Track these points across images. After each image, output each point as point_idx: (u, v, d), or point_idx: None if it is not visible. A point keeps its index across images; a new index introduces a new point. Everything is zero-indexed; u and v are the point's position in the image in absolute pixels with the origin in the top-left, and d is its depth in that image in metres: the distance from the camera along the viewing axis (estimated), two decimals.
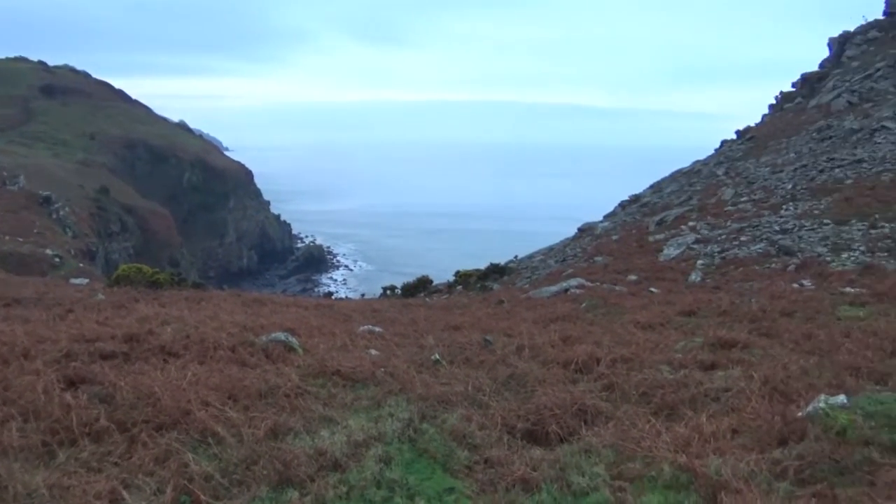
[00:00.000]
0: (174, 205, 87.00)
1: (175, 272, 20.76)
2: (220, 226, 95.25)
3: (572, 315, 10.06)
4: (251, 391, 5.20)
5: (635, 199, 33.48)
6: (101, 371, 5.37)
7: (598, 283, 14.45)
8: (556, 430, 4.70)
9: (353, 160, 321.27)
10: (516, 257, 28.02)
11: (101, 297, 11.33)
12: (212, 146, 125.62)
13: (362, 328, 8.70)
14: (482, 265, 23.73)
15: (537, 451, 4.39)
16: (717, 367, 6.05)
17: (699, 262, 16.04)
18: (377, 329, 8.70)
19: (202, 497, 3.67)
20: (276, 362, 6.23)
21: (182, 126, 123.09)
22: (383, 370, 6.05)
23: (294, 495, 3.75)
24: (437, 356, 6.66)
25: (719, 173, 29.43)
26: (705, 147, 41.03)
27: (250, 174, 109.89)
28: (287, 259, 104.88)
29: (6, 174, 53.23)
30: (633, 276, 15.52)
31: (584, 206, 62.95)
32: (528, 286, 18.03)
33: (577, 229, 29.88)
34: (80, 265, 39.85)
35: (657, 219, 23.48)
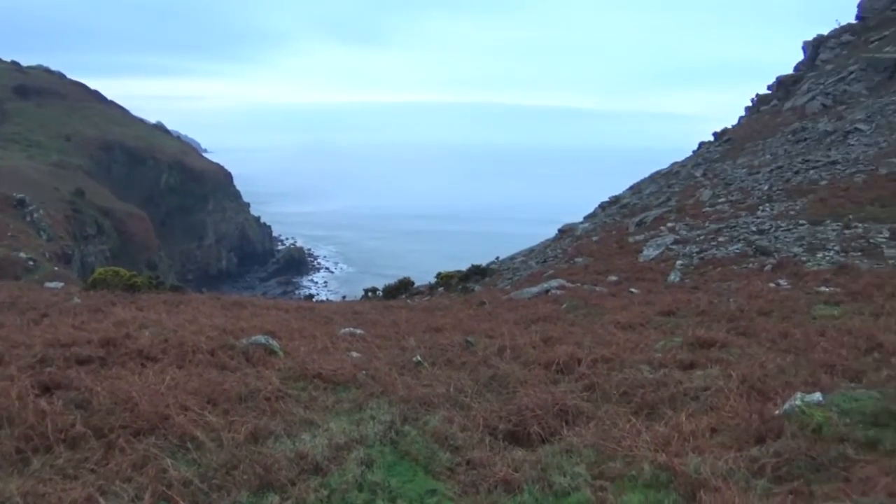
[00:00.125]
0: (152, 207, 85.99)
1: (153, 275, 20.53)
2: (198, 228, 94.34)
3: (553, 316, 10.10)
4: (231, 395, 5.15)
5: (615, 200, 33.75)
6: (77, 376, 5.29)
7: (578, 284, 14.53)
8: (538, 431, 4.72)
9: (333, 162, 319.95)
10: (498, 259, 28.09)
11: (76, 300, 11.15)
12: (190, 148, 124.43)
13: (343, 330, 8.66)
14: (464, 267, 23.76)
15: (519, 452, 4.40)
16: (696, 367, 6.11)
17: (678, 262, 16.21)
18: (358, 331, 8.67)
19: (181, 503, 3.63)
20: (257, 366, 6.18)
21: (159, 127, 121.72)
22: (365, 372, 6.03)
23: (275, 500, 3.72)
24: (419, 358, 6.65)
25: (697, 175, 29.77)
26: (683, 148, 41.49)
27: (229, 176, 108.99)
28: (267, 261, 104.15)
29: None
30: (613, 277, 15.64)
31: (564, 208, 63.31)
32: (509, 287, 18.08)
33: (558, 230, 30.03)
34: (56, 269, 39.24)
35: (637, 220, 23.68)
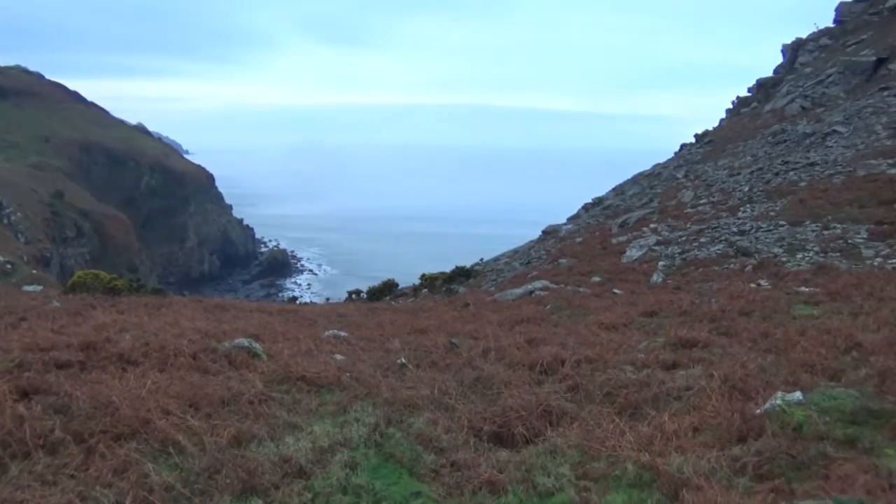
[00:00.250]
0: (132, 209, 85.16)
1: (133, 278, 20.32)
2: (180, 230, 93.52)
3: (537, 317, 10.13)
4: (213, 398, 5.10)
5: (598, 201, 33.97)
6: (56, 381, 5.22)
7: (562, 285, 14.59)
8: (522, 432, 4.73)
9: (317, 164, 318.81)
10: (482, 260, 28.15)
11: (56, 304, 11.00)
12: (171, 149, 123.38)
13: (327, 333, 8.63)
14: (448, 268, 23.78)
15: (503, 453, 4.41)
16: (679, 367, 6.16)
17: (661, 263, 16.33)
18: (342, 333, 8.63)
19: None
20: (240, 369, 6.13)
21: (140, 129, 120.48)
22: (349, 375, 6.01)
23: (258, 503, 3.70)
24: (403, 360, 6.64)
25: (679, 176, 30.04)
26: (665, 150, 41.90)
27: (211, 178, 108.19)
28: (250, 264, 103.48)
29: None
30: (596, 278, 15.73)
31: (547, 209, 63.58)
32: (493, 289, 18.12)
33: (542, 232, 30.16)
34: (34, 272, 38.71)
35: (619, 221, 23.84)
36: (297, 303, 26.04)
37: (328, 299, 26.68)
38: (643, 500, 3.76)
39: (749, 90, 42.70)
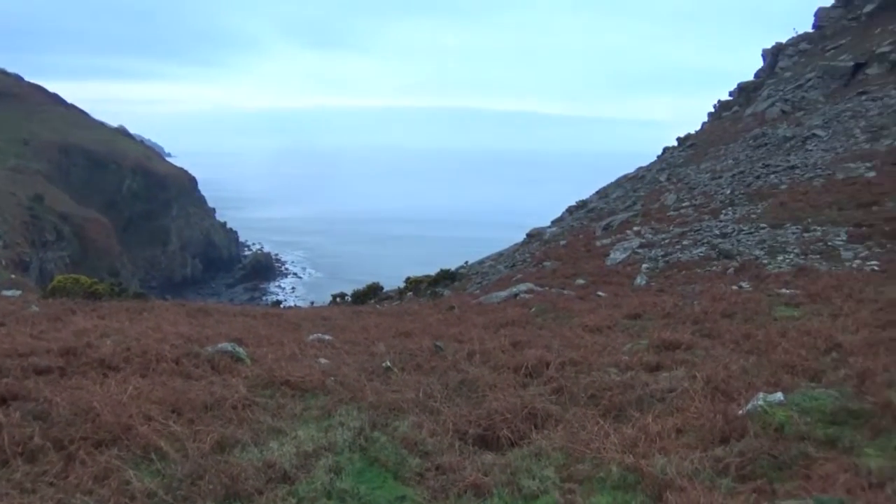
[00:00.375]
0: (113, 212, 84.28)
1: (115, 282, 20.08)
2: (162, 234, 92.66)
3: (522, 320, 10.15)
4: (196, 404, 5.06)
5: (582, 204, 34.14)
6: (36, 387, 5.14)
7: (546, 288, 14.64)
8: (507, 435, 4.74)
9: (302, 167, 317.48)
10: (466, 263, 28.16)
11: (35, 309, 10.84)
12: (153, 152, 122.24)
13: (312, 337, 8.58)
14: (432, 271, 23.76)
15: (488, 456, 4.41)
16: (662, 369, 6.20)
17: (644, 265, 16.44)
18: (327, 337, 8.60)
19: None
20: (223, 373, 6.09)
21: (121, 131, 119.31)
22: (333, 379, 5.98)
23: None
24: (388, 363, 6.62)
25: (662, 179, 30.27)
26: (648, 153, 42.21)
27: (194, 181, 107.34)
28: (233, 267, 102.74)
29: None
30: (580, 281, 15.79)
31: (532, 212, 63.79)
32: (478, 291, 18.13)
33: (526, 235, 30.23)
34: (12, 276, 38.16)
35: (603, 224, 23.97)
36: (281, 306, 25.91)
37: (312, 303, 26.56)
38: (627, 501, 3.78)
39: (730, 94, 43.18)
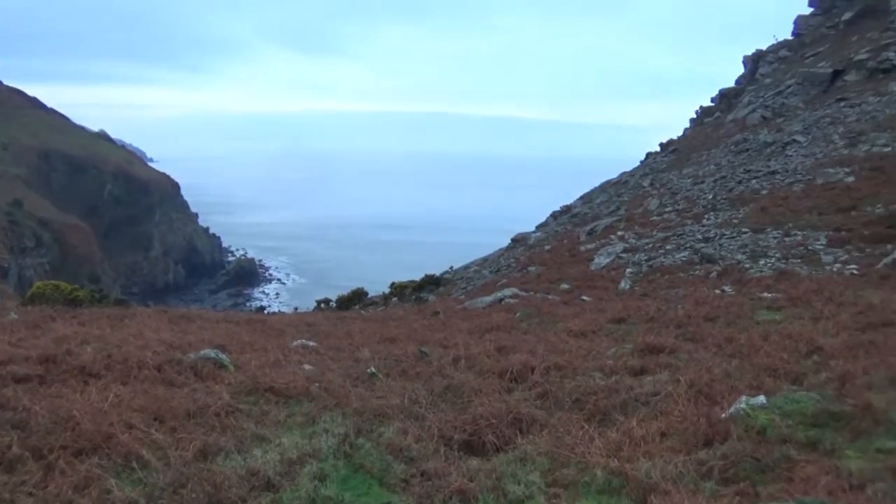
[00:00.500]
0: (94, 218, 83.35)
1: (96, 288, 19.84)
2: (144, 239, 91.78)
3: (507, 325, 10.16)
4: (178, 411, 5.01)
5: (566, 209, 34.31)
6: (14, 395, 5.06)
7: (531, 293, 14.67)
8: (493, 440, 4.74)
9: (286, 171, 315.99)
10: (451, 268, 28.15)
11: (13, 316, 10.67)
12: (135, 157, 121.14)
13: (296, 343, 8.53)
14: (417, 276, 23.72)
15: (474, 462, 4.41)
16: (646, 372, 6.24)
17: (628, 270, 16.53)
18: (311, 343, 8.55)
19: None
20: (206, 380, 6.03)
21: (103, 136, 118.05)
22: (318, 385, 5.95)
23: None
24: (373, 369, 6.60)
25: (645, 184, 30.51)
26: (632, 158, 42.54)
27: (177, 186, 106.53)
28: (217, 273, 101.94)
29: None
30: (565, 285, 15.85)
31: (516, 217, 63.96)
32: (463, 297, 18.14)
33: (511, 240, 30.30)
34: None
35: (587, 229, 24.10)
36: (265, 312, 25.71)
37: (297, 309, 26.38)
38: None
39: (712, 100, 43.68)
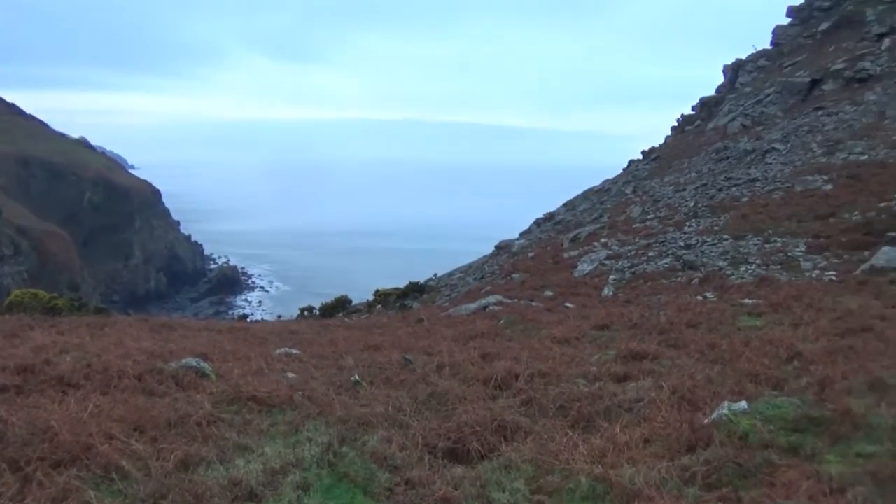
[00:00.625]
0: (74, 225, 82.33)
1: (75, 297, 19.58)
2: (124, 247, 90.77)
3: (491, 332, 10.16)
4: (159, 421, 4.94)
5: (550, 216, 34.47)
6: None
7: (515, 300, 14.70)
8: (477, 448, 4.73)
9: (269, 179, 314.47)
10: (435, 275, 28.14)
11: None
12: (115, 164, 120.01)
13: (279, 351, 8.46)
14: (402, 284, 23.69)
15: (458, 470, 4.39)
16: (630, 379, 6.27)
17: (611, 277, 16.63)
18: (294, 351, 8.48)
19: None
20: (187, 390, 5.96)
21: (82, 142, 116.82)
22: (301, 393, 5.90)
23: None
24: (357, 377, 6.56)
25: (628, 192, 30.75)
26: (614, 166, 42.89)
27: (158, 193, 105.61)
28: (199, 281, 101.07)
29: None
30: (549, 292, 15.90)
31: (500, 224, 64.13)
32: (447, 304, 18.12)
33: (495, 247, 30.37)
34: None
35: (571, 236, 24.22)
36: (248, 320, 25.51)
37: (280, 317, 26.22)
38: None
39: (693, 108, 44.18)
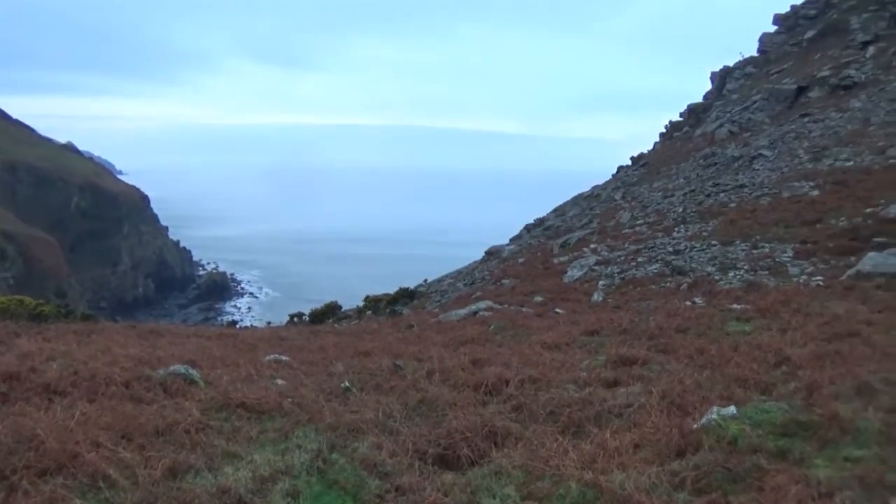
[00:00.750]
0: (61, 231, 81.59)
1: (62, 303, 19.42)
2: (112, 253, 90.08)
3: (481, 337, 10.16)
4: (147, 429, 4.90)
5: (540, 222, 34.59)
6: None
7: (505, 305, 14.71)
8: (468, 454, 4.72)
9: (259, 184, 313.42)
10: (426, 281, 28.14)
11: None
12: (103, 169, 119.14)
13: (268, 357, 8.42)
14: (392, 289, 23.65)
15: (449, 476, 4.38)
16: (620, 384, 6.28)
17: (601, 282, 16.68)
18: (284, 358, 8.45)
19: None
20: (175, 397, 5.91)
21: (70, 148, 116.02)
22: (290, 400, 5.87)
23: None
24: (347, 383, 6.54)
25: (617, 197, 30.91)
26: (603, 172, 43.13)
27: (146, 199, 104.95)
28: (187, 287, 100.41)
29: None
30: (539, 298, 15.92)
31: (490, 230, 64.23)
32: (437, 310, 18.11)
33: (485, 252, 30.42)
34: None
35: (560, 241, 24.29)
36: (237, 327, 25.39)
37: (269, 323, 26.11)
38: None
39: (681, 115, 44.52)
